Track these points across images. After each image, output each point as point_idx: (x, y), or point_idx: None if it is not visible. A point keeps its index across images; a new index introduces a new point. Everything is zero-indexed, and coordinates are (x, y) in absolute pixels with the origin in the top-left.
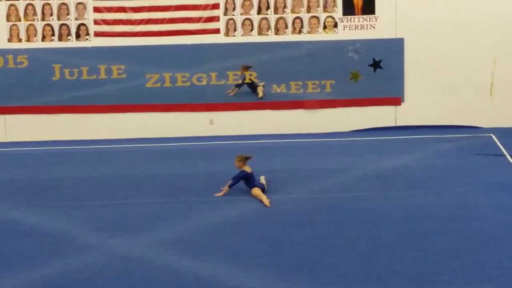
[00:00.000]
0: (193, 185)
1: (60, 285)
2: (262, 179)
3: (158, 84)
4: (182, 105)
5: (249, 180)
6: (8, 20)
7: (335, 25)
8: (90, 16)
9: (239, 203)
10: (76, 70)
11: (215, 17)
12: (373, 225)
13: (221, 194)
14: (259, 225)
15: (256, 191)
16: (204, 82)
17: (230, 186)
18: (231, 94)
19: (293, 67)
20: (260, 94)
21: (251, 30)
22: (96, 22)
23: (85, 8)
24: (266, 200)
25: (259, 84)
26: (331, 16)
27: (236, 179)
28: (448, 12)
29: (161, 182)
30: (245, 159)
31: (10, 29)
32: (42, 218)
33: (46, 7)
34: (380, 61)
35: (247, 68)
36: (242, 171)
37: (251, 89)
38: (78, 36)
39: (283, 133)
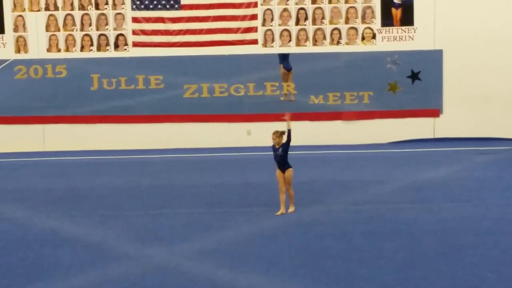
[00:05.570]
0: (230, 196)
1: None
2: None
3: (196, 95)
4: (220, 115)
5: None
6: (47, 30)
7: (374, 36)
8: (129, 26)
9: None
10: (114, 80)
11: (253, 27)
12: (411, 237)
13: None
14: (295, 236)
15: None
16: (242, 93)
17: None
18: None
19: (331, 78)
20: (291, 97)
21: (289, 41)
22: (134, 32)
23: (124, 18)
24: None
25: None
26: (369, 27)
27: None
28: (487, 24)
29: (198, 192)
30: (282, 134)
31: (49, 39)
32: (79, 227)
33: (85, 17)
34: (418, 72)
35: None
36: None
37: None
38: (116, 46)
39: (320, 144)
